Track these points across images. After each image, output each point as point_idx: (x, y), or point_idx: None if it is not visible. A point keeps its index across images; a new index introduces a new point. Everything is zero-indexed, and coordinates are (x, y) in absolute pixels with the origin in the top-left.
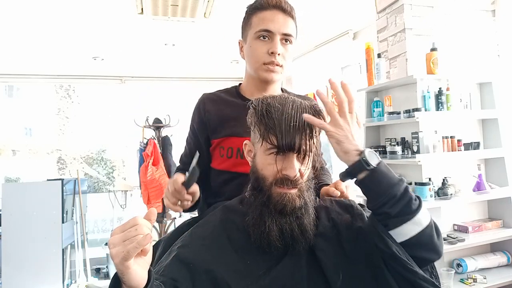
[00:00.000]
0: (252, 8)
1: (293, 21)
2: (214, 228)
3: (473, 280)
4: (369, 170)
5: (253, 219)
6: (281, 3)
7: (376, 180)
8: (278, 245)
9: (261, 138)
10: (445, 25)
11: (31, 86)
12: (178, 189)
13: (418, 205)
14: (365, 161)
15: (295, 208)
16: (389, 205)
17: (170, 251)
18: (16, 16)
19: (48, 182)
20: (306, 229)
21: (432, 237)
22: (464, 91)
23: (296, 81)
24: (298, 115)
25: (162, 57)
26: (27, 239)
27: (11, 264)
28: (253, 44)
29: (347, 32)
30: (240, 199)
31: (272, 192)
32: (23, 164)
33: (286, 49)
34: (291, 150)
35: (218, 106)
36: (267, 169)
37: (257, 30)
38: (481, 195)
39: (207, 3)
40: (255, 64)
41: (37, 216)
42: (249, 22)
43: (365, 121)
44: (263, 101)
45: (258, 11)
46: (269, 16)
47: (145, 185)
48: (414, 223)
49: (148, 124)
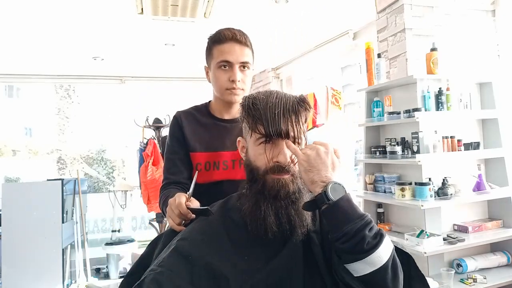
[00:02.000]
0: (213, 41)
1: (249, 49)
2: (213, 224)
3: (473, 280)
4: (328, 204)
5: (249, 207)
6: (236, 36)
7: (334, 214)
8: (275, 229)
9: (250, 130)
10: (445, 25)
11: (31, 86)
12: (184, 213)
13: (374, 244)
14: (325, 194)
15: (289, 193)
16: (341, 241)
17: (170, 245)
18: (16, 16)
19: (48, 182)
20: (302, 213)
21: (385, 280)
22: (464, 91)
23: (296, 81)
24: (282, 103)
25: (162, 57)
26: (27, 239)
27: (11, 264)
28: (216, 72)
29: (347, 32)
30: (238, 196)
31: (266, 179)
32: (23, 164)
33: (245, 74)
34: (279, 136)
35: (192, 124)
36: (259, 159)
37: (218, 61)
38: (481, 195)
39: (207, 3)
40: (220, 89)
41: (37, 216)
42: (211, 53)
43: (365, 121)
44: (249, 97)
45: (217, 44)
46: (227, 48)
47: (145, 185)
48: (365, 263)
49: (148, 124)
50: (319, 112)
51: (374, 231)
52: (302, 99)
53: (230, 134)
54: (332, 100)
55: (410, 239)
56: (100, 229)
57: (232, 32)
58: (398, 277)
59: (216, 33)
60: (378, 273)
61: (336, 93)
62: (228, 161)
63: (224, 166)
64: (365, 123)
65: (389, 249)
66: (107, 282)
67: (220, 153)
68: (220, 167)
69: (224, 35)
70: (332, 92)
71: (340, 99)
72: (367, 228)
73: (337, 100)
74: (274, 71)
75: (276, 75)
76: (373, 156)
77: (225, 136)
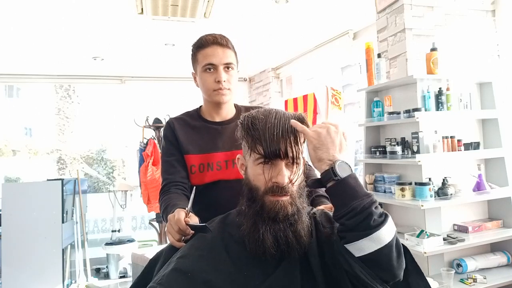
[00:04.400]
0: (196, 47)
1: (231, 50)
2: (212, 240)
3: (473, 280)
4: (336, 180)
5: (248, 228)
6: (217, 39)
7: (340, 191)
8: (273, 252)
9: (249, 150)
10: (445, 25)
11: (31, 86)
12: (183, 229)
13: (380, 222)
14: (333, 170)
15: (287, 215)
16: (347, 217)
17: (170, 262)
18: (17, 16)
19: (48, 182)
20: (300, 234)
21: (390, 258)
22: (464, 91)
23: (296, 81)
24: (281, 123)
25: (162, 57)
26: (27, 239)
27: (11, 264)
28: (202, 76)
29: (347, 32)
30: (237, 212)
31: (264, 201)
32: (23, 164)
33: (230, 74)
34: (278, 157)
35: (185, 129)
36: (258, 179)
37: (203, 65)
38: (481, 195)
39: (207, 3)
40: (207, 91)
41: (37, 216)
42: (196, 59)
43: (365, 121)
44: (248, 116)
45: (201, 49)
46: (210, 52)
47: (145, 185)
48: (371, 240)
49: (148, 124)
50: (319, 112)
51: (379, 210)
52: (301, 119)
53: (222, 135)
54: (332, 100)
55: (410, 239)
56: (100, 229)
57: (213, 36)
58: (402, 257)
59: (198, 39)
60: (383, 251)
61: (336, 93)
62: (221, 162)
63: (218, 167)
64: (365, 123)
65: (393, 229)
66: (107, 282)
67: (213, 154)
68: (214, 168)
69: (206, 40)
70: (332, 92)
71: (340, 99)
72: (373, 206)
73: (337, 100)
74: (274, 71)
75: (276, 75)
76: (373, 156)
77: (217, 137)
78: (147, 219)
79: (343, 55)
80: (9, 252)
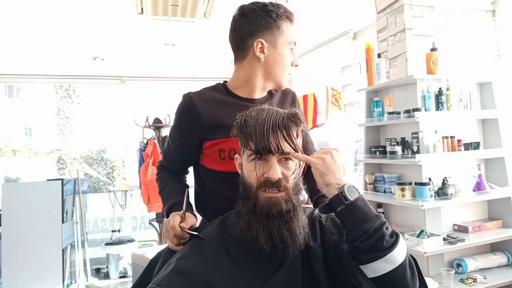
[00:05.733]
0: (285, 16)
1: None
2: (212, 241)
3: (473, 280)
4: (346, 204)
5: (243, 227)
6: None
7: (351, 214)
8: (268, 249)
9: (243, 147)
10: (445, 25)
11: (31, 86)
12: (179, 235)
13: (392, 243)
14: (343, 195)
15: (281, 212)
16: (360, 240)
17: (169, 262)
18: (16, 16)
19: (48, 182)
20: (295, 232)
21: (405, 278)
22: (464, 91)
23: (296, 81)
24: (271, 119)
25: (162, 57)
26: (27, 239)
27: (11, 264)
28: (286, 54)
29: (347, 32)
30: (236, 213)
31: (258, 197)
32: (23, 164)
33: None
34: (269, 152)
35: (210, 106)
36: (251, 176)
37: (290, 41)
38: (481, 195)
39: (207, 3)
40: (283, 72)
41: (37, 216)
42: (280, 28)
43: (365, 121)
44: (242, 114)
45: (289, 22)
46: (294, 30)
47: (145, 185)
48: (386, 261)
49: (148, 124)
50: (319, 112)
51: (390, 230)
52: (293, 114)
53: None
54: (332, 100)
55: (410, 239)
56: (100, 229)
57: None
58: (416, 275)
59: (282, 7)
60: (398, 271)
61: (336, 93)
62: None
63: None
64: (365, 123)
65: (404, 248)
66: (107, 282)
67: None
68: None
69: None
70: (332, 92)
71: (340, 99)
72: (384, 227)
73: (337, 100)
74: None
75: None
76: (373, 156)
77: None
78: (147, 219)
79: (343, 55)
80: (9, 252)
